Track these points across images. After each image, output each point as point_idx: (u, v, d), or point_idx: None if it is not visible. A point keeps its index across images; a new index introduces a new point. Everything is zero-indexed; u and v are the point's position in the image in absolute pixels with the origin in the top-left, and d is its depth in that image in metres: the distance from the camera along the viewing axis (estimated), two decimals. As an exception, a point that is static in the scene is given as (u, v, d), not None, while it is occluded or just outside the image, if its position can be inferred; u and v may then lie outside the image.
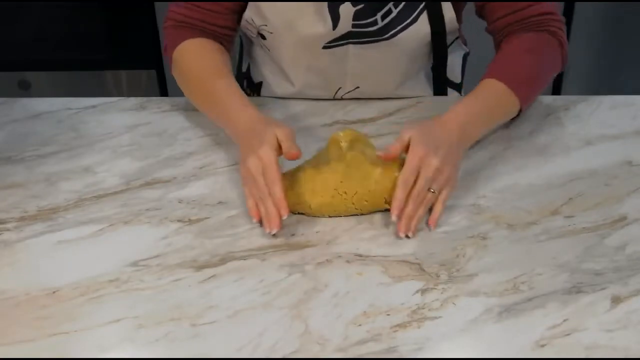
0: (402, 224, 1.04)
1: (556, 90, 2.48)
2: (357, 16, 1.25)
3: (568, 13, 2.35)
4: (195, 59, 1.29)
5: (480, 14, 1.34)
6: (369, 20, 1.25)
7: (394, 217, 1.04)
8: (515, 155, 1.22)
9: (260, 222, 1.07)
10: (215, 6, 1.30)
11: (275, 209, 1.04)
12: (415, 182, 1.05)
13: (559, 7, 1.32)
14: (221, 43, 1.32)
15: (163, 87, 2.45)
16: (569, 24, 2.37)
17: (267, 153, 1.05)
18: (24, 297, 0.97)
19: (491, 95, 1.20)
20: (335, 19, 1.25)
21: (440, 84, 1.40)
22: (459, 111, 1.15)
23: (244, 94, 1.21)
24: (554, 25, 1.29)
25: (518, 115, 1.25)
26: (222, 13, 1.30)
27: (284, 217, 1.03)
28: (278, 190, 1.03)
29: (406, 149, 1.07)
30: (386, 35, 1.27)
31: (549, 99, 1.37)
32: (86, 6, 2.34)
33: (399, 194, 1.04)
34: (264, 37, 1.32)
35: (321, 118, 1.33)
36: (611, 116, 1.32)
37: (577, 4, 2.34)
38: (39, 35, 2.41)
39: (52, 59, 2.45)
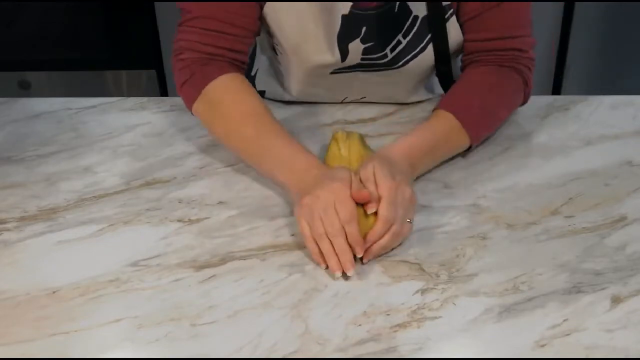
0: (371, 254, 1.01)
1: (556, 90, 2.48)
2: (366, 51, 1.23)
3: (568, 13, 2.35)
4: (236, 98, 1.19)
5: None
6: (378, 55, 1.24)
7: (363, 256, 1.00)
8: (515, 155, 1.22)
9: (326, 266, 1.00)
10: (241, 30, 1.20)
11: (348, 247, 0.98)
12: (395, 216, 1.02)
13: (534, 45, 1.28)
14: (243, 75, 1.24)
15: (163, 87, 2.45)
16: (569, 24, 2.36)
17: (342, 188, 1.01)
18: (24, 297, 0.97)
19: (442, 130, 1.17)
20: (344, 54, 1.23)
21: (448, 87, 1.39)
22: (406, 144, 1.14)
23: (298, 142, 1.14)
24: (523, 63, 1.24)
25: (468, 150, 1.21)
26: (247, 37, 1.22)
27: (359, 256, 0.99)
28: (355, 226, 0.99)
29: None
30: (396, 66, 1.26)
31: (549, 99, 1.37)
32: (86, 6, 2.34)
33: (380, 229, 1.00)
34: (276, 53, 1.31)
35: (321, 118, 1.33)
36: (611, 116, 1.32)
37: (577, 4, 2.33)
38: (39, 35, 2.41)
39: (52, 59, 2.45)
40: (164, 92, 2.45)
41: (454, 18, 1.22)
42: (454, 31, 1.23)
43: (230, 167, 1.21)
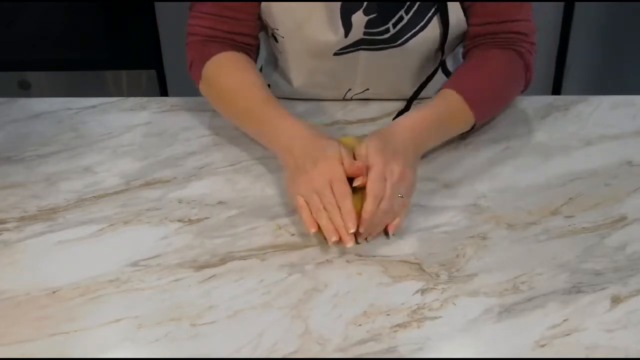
0: (365, 233, 1.03)
1: (556, 90, 2.48)
2: (369, 25, 1.24)
3: (568, 13, 2.35)
4: (229, 73, 1.25)
5: None
6: (381, 29, 1.25)
7: (361, 229, 1.02)
8: (515, 155, 1.22)
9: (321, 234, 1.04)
10: (241, 13, 1.26)
11: (342, 222, 1.01)
12: (384, 191, 1.03)
13: (535, 31, 1.30)
14: (248, 55, 1.29)
15: (163, 87, 2.45)
16: (568, 24, 2.36)
17: (336, 167, 1.04)
18: (24, 297, 0.97)
19: (447, 108, 1.19)
20: (348, 27, 1.24)
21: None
22: (413, 119, 1.15)
23: (286, 110, 1.17)
24: (524, 47, 1.27)
25: (471, 129, 1.23)
26: (247, 20, 1.27)
27: (351, 231, 1.01)
28: (349, 203, 1.01)
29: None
30: (398, 42, 1.26)
31: (549, 99, 1.37)
32: (86, 6, 2.34)
33: (370, 206, 1.02)
34: (276, 40, 1.31)
35: (321, 118, 1.33)
36: (611, 116, 1.32)
37: (577, 4, 2.34)
38: (39, 35, 2.41)
39: (52, 59, 2.45)
40: (164, 92, 2.45)
41: (457, 4, 1.24)
42: (454, 15, 1.25)
43: (230, 167, 1.21)
